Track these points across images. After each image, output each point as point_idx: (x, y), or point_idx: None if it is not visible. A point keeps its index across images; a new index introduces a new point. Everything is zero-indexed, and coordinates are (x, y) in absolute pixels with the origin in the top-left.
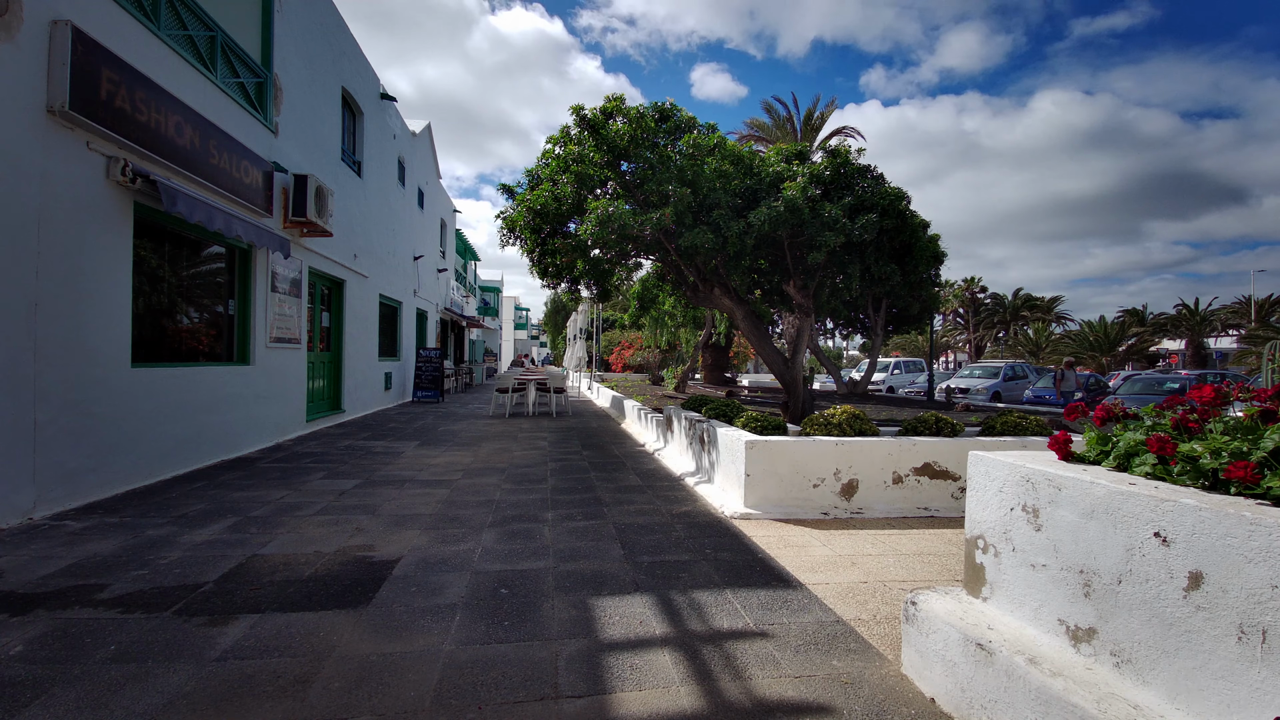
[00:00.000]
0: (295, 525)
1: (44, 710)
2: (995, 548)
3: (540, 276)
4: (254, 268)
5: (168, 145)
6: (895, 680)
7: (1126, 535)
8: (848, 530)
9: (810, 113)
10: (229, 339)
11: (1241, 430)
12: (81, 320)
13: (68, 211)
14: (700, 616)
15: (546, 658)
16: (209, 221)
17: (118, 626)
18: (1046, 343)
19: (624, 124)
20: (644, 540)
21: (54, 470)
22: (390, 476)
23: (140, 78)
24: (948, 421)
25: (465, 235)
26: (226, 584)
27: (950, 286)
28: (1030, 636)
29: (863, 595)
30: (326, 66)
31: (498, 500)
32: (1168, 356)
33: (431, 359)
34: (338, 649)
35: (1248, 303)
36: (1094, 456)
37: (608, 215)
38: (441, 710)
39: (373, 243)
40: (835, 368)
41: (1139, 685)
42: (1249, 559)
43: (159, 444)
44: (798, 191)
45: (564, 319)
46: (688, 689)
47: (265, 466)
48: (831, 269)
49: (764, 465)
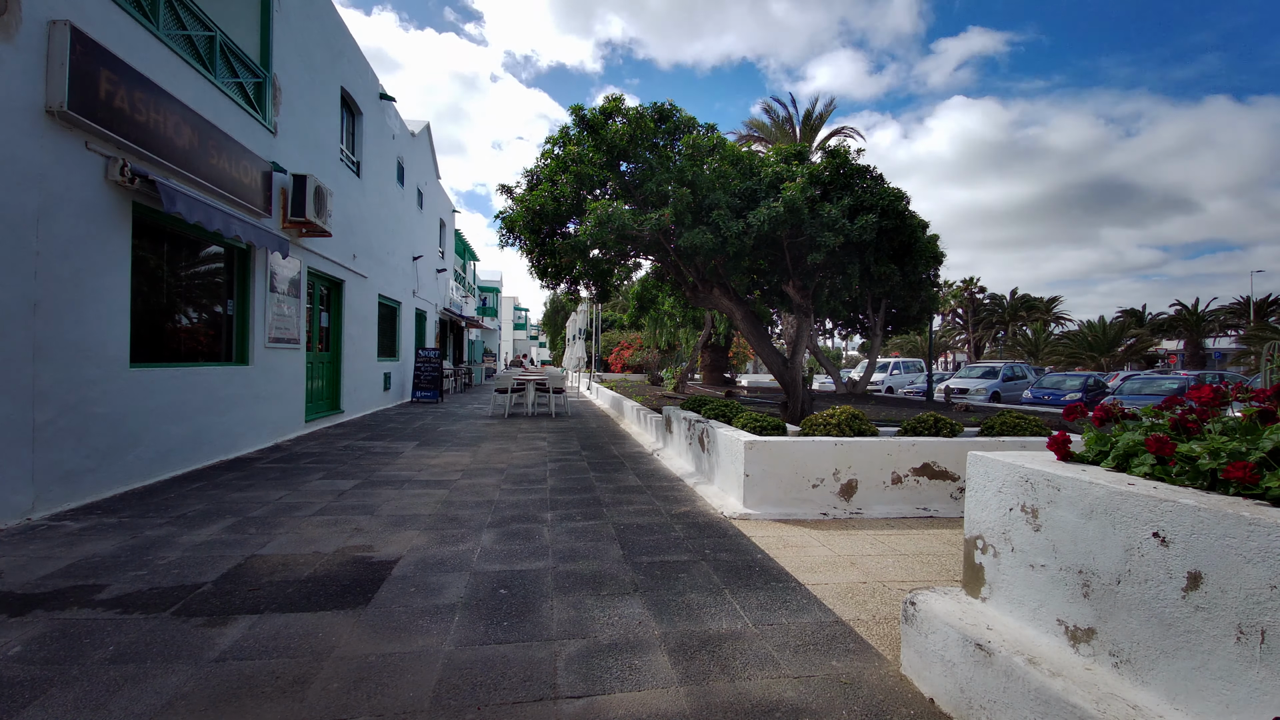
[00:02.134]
0: (294, 526)
1: (42, 711)
2: (994, 548)
3: (539, 277)
4: (253, 268)
5: (167, 145)
6: (894, 681)
7: (1125, 535)
8: (847, 530)
9: (809, 113)
10: (228, 339)
11: (1240, 430)
12: (81, 320)
13: (67, 212)
14: (699, 617)
15: (545, 658)
16: (208, 221)
17: (116, 627)
18: (1045, 343)
19: (623, 124)
20: (643, 541)
21: (53, 470)
22: (389, 477)
23: (139, 78)
24: (947, 422)
25: (464, 235)
26: (225, 584)
27: (949, 287)
28: (1029, 637)
29: (862, 595)
30: (325, 66)
31: (497, 501)
32: (1166, 357)
33: (430, 359)
34: (336, 649)
35: (1246, 303)
36: (1093, 457)
37: (607, 215)
38: (440, 710)
39: (372, 243)
40: (834, 368)
41: (1138, 685)
42: (1248, 559)
43: (158, 444)
44: (797, 192)
45: (563, 319)
46: (686, 689)
47: (264, 467)
48: (831, 269)
49: (763, 465)
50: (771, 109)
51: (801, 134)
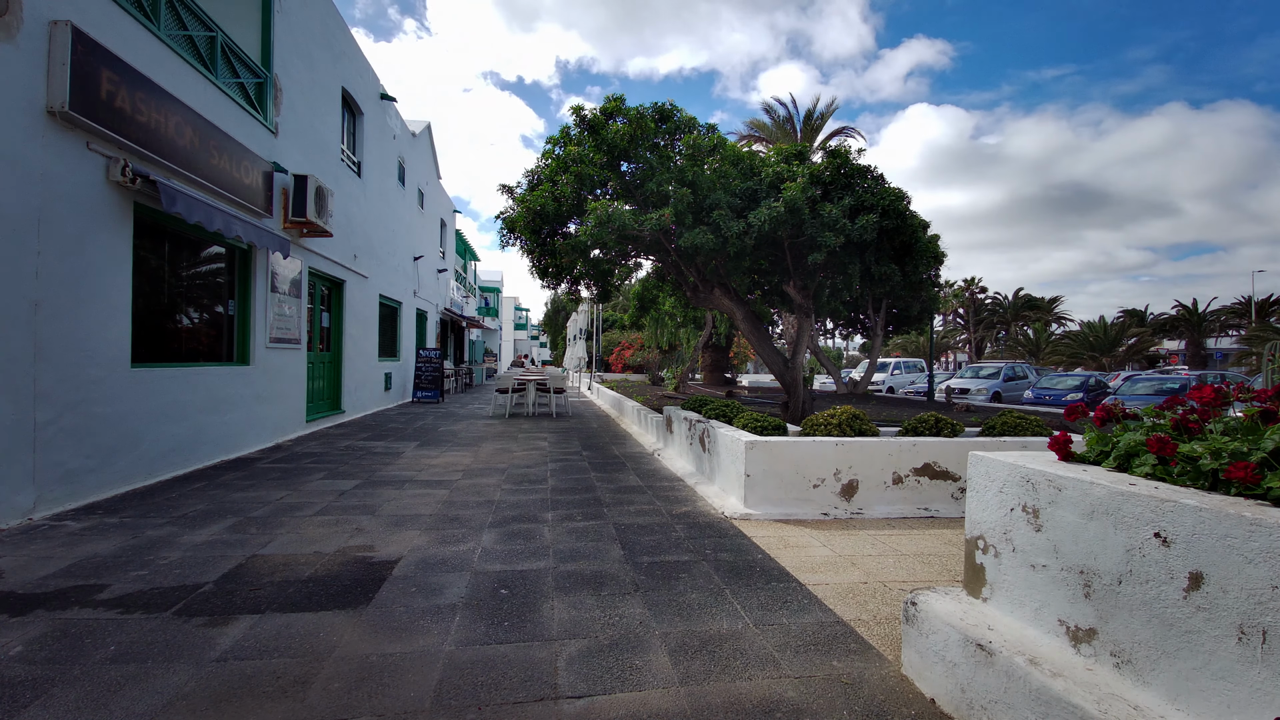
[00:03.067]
0: (295, 526)
1: (44, 710)
2: (995, 548)
3: (540, 277)
4: (254, 268)
5: (168, 145)
6: (895, 681)
7: (1127, 536)
8: (848, 531)
9: (810, 113)
10: (229, 339)
11: (1241, 431)
12: (82, 320)
13: (68, 212)
14: (700, 617)
15: (546, 658)
16: (209, 222)
17: (117, 627)
18: (1046, 343)
19: (624, 124)
20: (644, 541)
21: (54, 470)
22: (390, 477)
23: (140, 78)
24: (948, 422)
25: (465, 235)
26: (226, 584)
27: (950, 287)
28: (1030, 637)
29: (863, 596)
30: (326, 66)
31: (498, 501)
32: (1168, 357)
33: (431, 359)
34: (337, 649)
35: (1248, 303)
36: (1094, 457)
37: (607, 215)
38: (441, 710)
39: (373, 243)
40: (835, 368)
41: (1139, 686)
42: (1249, 559)
43: (159, 444)
44: (798, 192)
45: (564, 320)
46: (687, 690)
47: (265, 467)
48: (831, 269)
49: (764, 466)
50: (772, 109)
51: (802, 134)
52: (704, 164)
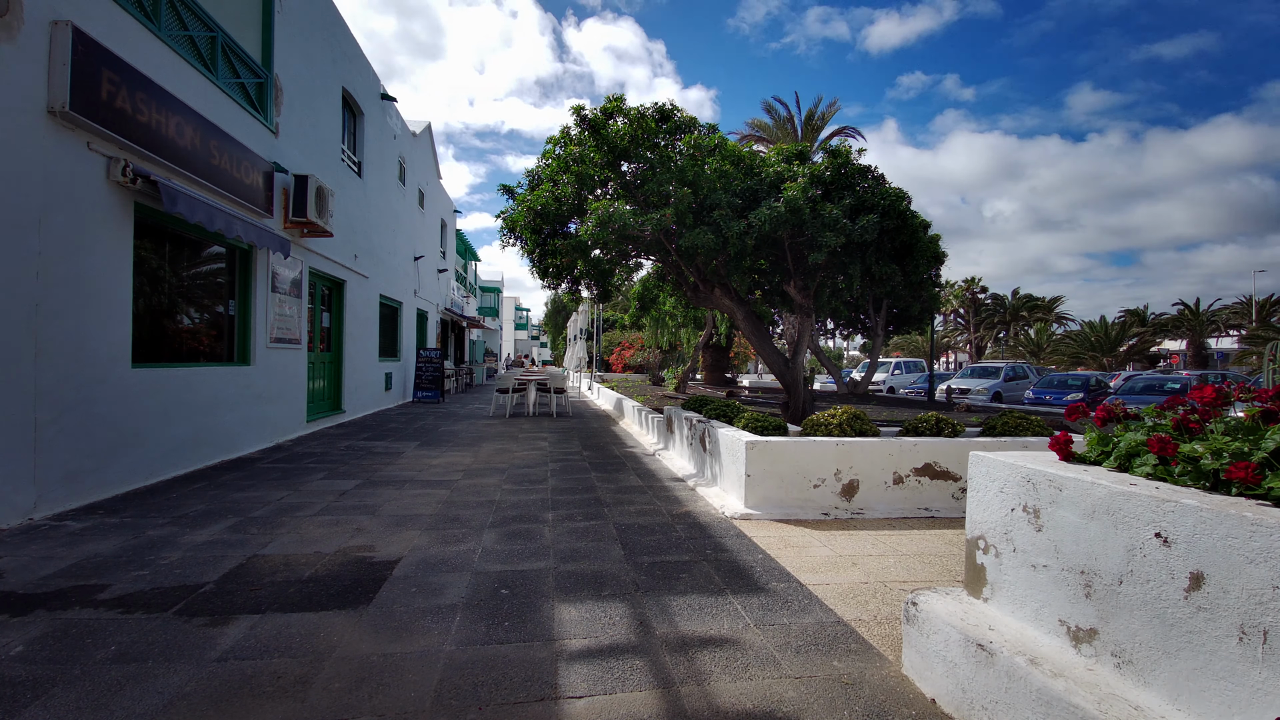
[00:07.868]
0: (295, 526)
1: (44, 710)
2: (996, 548)
3: (540, 277)
4: (254, 268)
5: (168, 146)
6: (896, 681)
7: (1128, 536)
8: (848, 531)
9: (811, 113)
10: (229, 339)
11: (1242, 431)
12: (82, 320)
13: (69, 212)
14: (701, 617)
15: (547, 658)
16: (209, 222)
17: (118, 627)
18: (1047, 343)
19: (624, 124)
20: (644, 541)
21: (55, 470)
22: (390, 477)
23: (141, 78)
24: (948, 422)
25: (465, 236)
26: (227, 584)
27: (951, 287)
28: (1031, 637)
29: (863, 596)
30: (327, 67)
31: (498, 501)
32: (1169, 357)
33: (432, 359)
34: (338, 649)
35: (1249, 303)
36: (1095, 457)
37: (608, 215)
38: (442, 710)
39: (373, 243)
40: (836, 368)
41: (1140, 686)
42: (1250, 559)
43: (159, 444)
44: (798, 192)
45: (564, 319)
46: (688, 690)
47: (265, 467)
48: (832, 269)
49: (764, 466)
50: (773, 108)
51: (803, 134)
52: (705, 164)
